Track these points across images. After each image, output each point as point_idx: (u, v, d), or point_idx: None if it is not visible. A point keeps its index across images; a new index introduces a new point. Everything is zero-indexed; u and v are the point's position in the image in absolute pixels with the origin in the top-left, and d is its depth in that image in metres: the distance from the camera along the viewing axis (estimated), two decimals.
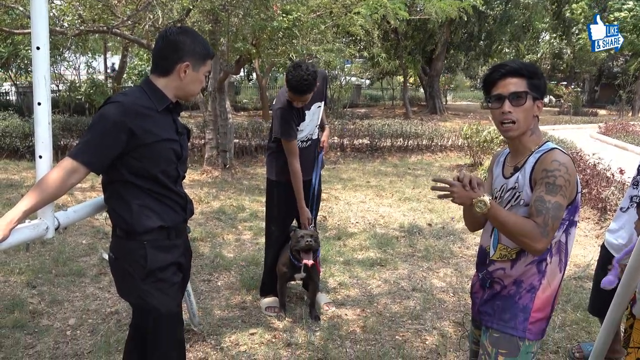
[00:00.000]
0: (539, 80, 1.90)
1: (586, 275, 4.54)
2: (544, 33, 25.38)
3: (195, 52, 2.09)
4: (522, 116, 1.88)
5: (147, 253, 2.10)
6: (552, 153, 1.84)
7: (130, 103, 2.00)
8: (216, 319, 3.63)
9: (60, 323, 3.53)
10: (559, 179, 1.78)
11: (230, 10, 7.26)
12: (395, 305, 3.96)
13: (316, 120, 3.72)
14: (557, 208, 1.76)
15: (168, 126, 2.13)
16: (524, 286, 1.94)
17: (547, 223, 1.74)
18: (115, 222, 2.13)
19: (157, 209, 2.12)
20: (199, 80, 2.15)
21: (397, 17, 10.04)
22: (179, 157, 2.18)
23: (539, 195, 1.79)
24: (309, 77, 3.26)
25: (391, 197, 7.39)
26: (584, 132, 15.13)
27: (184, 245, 2.32)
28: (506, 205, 1.95)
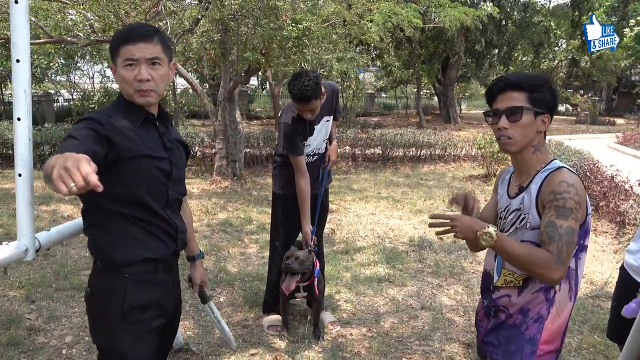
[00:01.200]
0: (541, 93, 1.78)
1: (604, 294, 4.35)
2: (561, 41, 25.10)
3: (111, 47, 1.80)
4: (519, 132, 1.78)
5: (126, 287, 1.81)
6: (559, 173, 1.74)
7: (102, 116, 1.74)
8: (216, 338, 3.51)
9: (56, 341, 3.44)
10: (569, 201, 1.67)
11: (240, 19, 7.20)
12: (403, 324, 3.81)
13: (324, 135, 3.59)
14: (571, 233, 1.65)
15: (151, 142, 1.84)
16: (530, 315, 1.81)
17: (562, 250, 1.64)
18: (95, 255, 1.86)
19: (142, 238, 1.83)
20: (121, 76, 1.78)
21: (411, 24, 9.92)
22: (169, 177, 1.89)
23: (549, 220, 1.67)
24: (311, 82, 3.15)
25: (402, 209, 7.23)
26: (601, 141, 14.84)
27: (172, 283, 2.01)
28: (510, 228, 1.85)
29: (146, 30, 1.79)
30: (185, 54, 9.06)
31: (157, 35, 1.80)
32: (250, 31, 7.31)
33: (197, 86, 8.87)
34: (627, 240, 5.51)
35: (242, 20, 7.24)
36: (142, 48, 1.76)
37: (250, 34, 7.30)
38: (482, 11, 12.45)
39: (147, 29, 1.80)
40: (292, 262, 3.27)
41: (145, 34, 1.78)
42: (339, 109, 3.71)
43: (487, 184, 8.99)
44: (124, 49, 1.76)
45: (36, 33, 8.75)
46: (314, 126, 3.47)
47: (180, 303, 2.12)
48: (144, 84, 1.77)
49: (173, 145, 1.97)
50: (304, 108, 3.26)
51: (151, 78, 1.78)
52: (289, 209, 3.59)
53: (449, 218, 1.72)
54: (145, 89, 1.78)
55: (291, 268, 3.27)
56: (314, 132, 3.48)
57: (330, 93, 3.53)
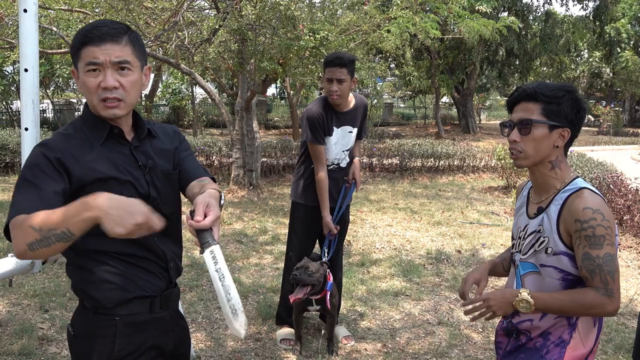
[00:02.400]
0: (559, 105, 1.66)
1: (628, 312, 4.21)
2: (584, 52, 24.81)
3: (72, 48, 1.49)
4: (530, 146, 1.69)
5: (117, 332, 1.56)
6: (581, 197, 1.63)
7: (55, 142, 1.49)
8: (228, 352, 3.46)
9: (68, 351, 3.40)
10: (598, 228, 1.58)
11: (257, 29, 7.21)
12: (419, 340, 3.71)
13: (344, 146, 3.50)
14: (610, 260, 1.58)
15: (120, 161, 1.54)
16: (551, 339, 1.72)
17: (607, 281, 1.58)
18: (79, 296, 1.62)
19: (131, 276, 1.57)
20: (83, 83, 1.49)
21: (428, 35, 9.85)
22: (147, 198, 1.54)
23: (584, 252, 1.60)
24: (346, 54, 3.24)
25: (420, 221, 7.13)
26: (625, 153, 14.55)
27: (171, 317, 1.70)
28: (529, 250, 1.75)
29: (112, 28, 1.48)
30: (203, 64, 9.10)
31: (126, 35, 1.50)
32: (267, 41, 7.32)
33: (215, 96, 8.90)
34: None
35: (260, 30, 7.25)
36: (108, 50, 1.46)
37: (268, 44, 7.31)
38: (502, 23, 12.30)
39: (113, 27, 1.49)
40: (301, 273, 3.20)
41: (112, 33, 1.47)
42: (364, 127, 3.65)
43: (506, 196, 8.84)
44: (86, 50, 1.46)
45: (58, 43, 8.88)
46: (334, 127, 3.41)
47: (185, 335, 1.81)
48: (109, 92, 1.47)
49: (151, 160, 1.62)
50: (333, 73, 3.20)
51: (119, 85, 1.48)
52: (305, 218, 3.56)
53: (480, 300, 1.67)
54: (111, 98, 1.48)
55: (298, 279, 3.20)
56: (332, 133, 3.41)
57: (359, 103, 3.50)
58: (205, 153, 10.50)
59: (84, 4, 7.72)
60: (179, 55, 8.01)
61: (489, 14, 15.15)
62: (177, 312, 1.79)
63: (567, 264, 1.66)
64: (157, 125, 1.71)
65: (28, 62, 1.76)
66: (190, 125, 17.90)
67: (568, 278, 1.67)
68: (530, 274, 1.76)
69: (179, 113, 19.02)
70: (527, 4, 19.21)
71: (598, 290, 1.57)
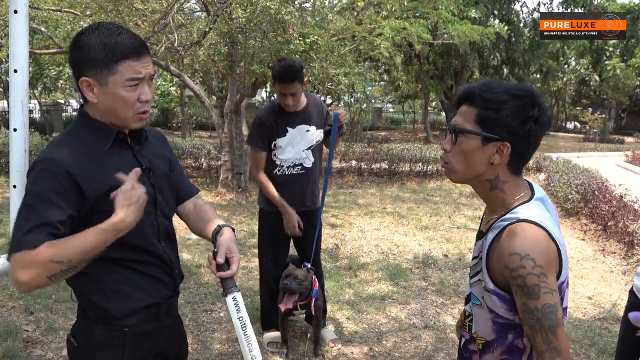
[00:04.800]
0: (498, 113, 1.35)
1: (612, 317, 4.26)
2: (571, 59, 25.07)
3: (94, 59, 1.43)
4: (458, 159, 1.43)
5: (125, 342, 1.53)
6: (512, 237, 1.35)
7: (63, 156, 1.44)
8: (215, 355, 3.46)
9: (53, 354, 3.40)
10: (529, 277, 1.32)
11: (247, 33, 7.22)
12: (406, 344, 3.74)
13: (304, 145, 3.43)
14: (550, 312, 1.33)
15: (126, 166, 1.50)
16: None
17: (549, 340, 1.33)
18: (85, 307, 1.57)
19: (140, 283, 1.56)
20: (119, 97, 1.46)
21: (421, 39, 9.91)
22: (155, 203, 1.58)
23: (523, 303, 1.35)
24: (295, 64, 3.16)
25: (407, 225, 7.16)
26: (610, 160, 14.71)
27: (173, 325, 1.72)
28: (474, 276, 1.51)
29: (139, 41, 1.48)
30: (193, 67, 9.09)
31: (146, 45, 1.53)
32: (257, 45, 7.33)
33: (204, 98, 8.89)
34: (637, 262, 5.42)
35: (250, 34, 7.26)
36: (146, 64, 1.47)
37: (258, 48, 7.32)
38: (490, 29, 12.42)
39: (139, 39, 1.48)
40: (291, 282, 3.22)
41: (145, 46, 1.48)
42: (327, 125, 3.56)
43: None
44: (126, 65, 1.43)
45: (47, 44, 8.84)
46: (287, 127, 3.37)
47: (183, 340, 1.84)
48: (148, 105, 1.50)
49: (153, 163, 1.63)
50: (286, 89, 3.19)
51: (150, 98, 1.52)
52: (272, 224, 3.52)
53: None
54: (146, 111, 1.52)
55: (289, 288, 3.22)
56: (287, 134, 3.37)
57: (312, 104, 3.46)
58: (194, 156, 10.47)
59: (74, 5, 7.69)
60: (168, 58, 7.99)
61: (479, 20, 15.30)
62: (178, 317, 1.80)
63: (497, 304, 1.42)
64: (147, 128, 1.70)
65: (18, 64, 1.76)
66: (179, 127, 17.84)
67: (497, 321, 1.45)
68: (475, 306, 1.53)
69: (167, 115, 18.95)
70: (516, 12, 19.43)
71: (544, 357, 1.34)
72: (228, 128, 8.77)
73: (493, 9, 18.14)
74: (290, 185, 3.44)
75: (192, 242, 5.80)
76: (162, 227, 1.64)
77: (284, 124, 3.38)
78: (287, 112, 3.37)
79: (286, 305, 3.23)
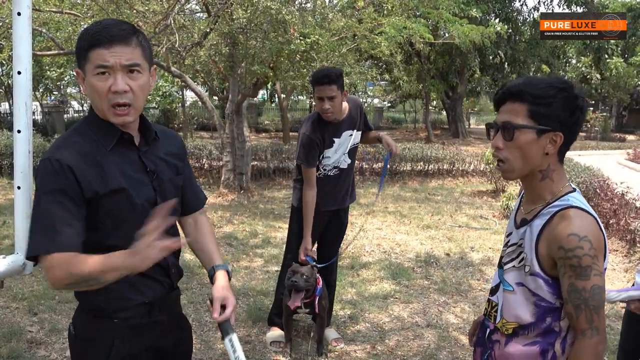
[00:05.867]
0: (548, 106, 1.42)
1: (614, 314, 4.26)
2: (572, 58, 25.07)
3: (79, 49, 1.46)
4: (514, 154, 1.47)
5: (115, 335, 1.58)
6: (567, 220, 1.42)
7: (65, 157, 1.45)
8: (218, 354, 3.47)
9: (57, 354, 3.41)
10: (584, 258, 1.39)
11: (248, 33, 7.23)
12: (408, 343, 3.74)
13: (345, 148, 3.48)
14: (597, 293, 1.41)
15: (129, 167, 1.54)
16: None
17: (592, 319, 1.41)
18: (79, 299, 1.63)
19: (134, 281, 1.55)
20: (91, 86, 1.45)
21: (423, 39, 9.90)
22: (155, 205, 1.55)
23: (570, 283, 1.42)
24: (334, 70, 3.24)
25: (409, 224, 7.17)
26: (612, 158, 14.71)
27: (169, 320, 1.71)
28: (509, 263, 1.57)
29: (121, 29, 1.45)
30: (194, 67, 9.10)
31: (134, 35, 1.47)
32: (258, 45, 7.33)
33: (205, 99, 8.90)
34: (638, 259, 5.42)
35: (251, 34, 7.27)
36: (119, 52, 1.43)
37: (259, 48, 7.33)
38: (490, 28, 12.42)
39: (123, 28, 1.46)
40: (298, 279, 3.23)
41: (122, 35, 1.44)
42: (367, 121, 3.66)
43: (495, 200, 8.91)
44: (95, 52, 1.42)
45: (48, 45, 8.85)
46: (334, 139, 3.40)
47: (185, 335, 1.84)
48: (119, 97, 1.45)
49: (158, 165, 1.63)
50: (324, 91, 3.19)
51: (129, 89, 1.46)
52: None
53: None
54: (121, 103, 1.46)
55: (297, 285, 3.22)
56: (333, 144, 3.41)
57: (353, 107, 3.49)
58: (196, 156, 10.49)
59: (75, 6, 7.71)
60: (169, 59, 8.00)
61: (479, 19, 15.30)
62: (179, 314, 1.82)
63: (543, 287, 1.48)
64: (157, 127, 1.71)
65: (21, 65, 1.76)
66: (180, 128, 17.86)
67: (541, 305, 1.50)
68: (506, 292, 1.59)
69: (169, 116, 18.99)
70: (516, 10, 19.42)
71: (584, 334, 1.41)
72: (229, 128, 8.78)
73: (493, 7, 18.13)
74: (324, 185, 3.47)
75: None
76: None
77: (330, 136, 3.39)
78: (331, 123, 3.36)
79: (294, 303, 3.24)
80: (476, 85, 23.09)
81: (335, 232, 3.71)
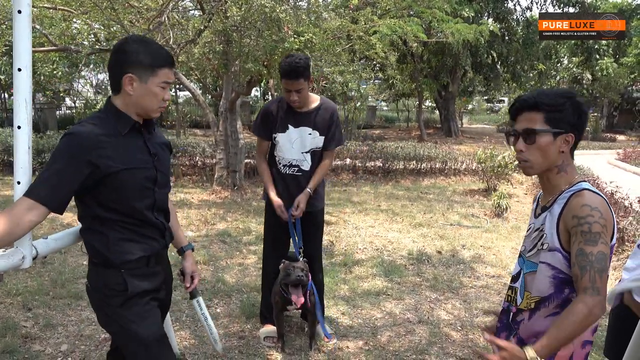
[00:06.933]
0: (561, 112, 1.73)
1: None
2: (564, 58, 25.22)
3: (140, 62, 1.90)
4: (536, 154, 1.75)
5: (125, 281, 1.98)
6: (581, 196, 1.68)
7: (86, 133, 1.84)
8: (212, 349, 3.50)
9: (52, 349, 3.43)
10: (595, 225, 1.62)
11: (242, 31, 7.25)
12: (400, 338, 3.79)
13: (302, 147, 3.45)
14: (602, 259, 1.60)
15: (137, 150, 1.98)
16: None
17: (594, 279, 1.58)
18: (91, 254, 2.01)
19: (135, 240, 2.00)
20: (151, 93, 1.94)
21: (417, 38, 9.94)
22: (155, 181, 2.03)
23: (578, 247, 1.63)
24: (301, 61, 3.23)
25: (401, 222, 7.23)
26: (602, 158, 14.85)
27: (163, 271, 2.19)
28: (532, 249, 1.82)
29: (172, 56, 2.02)
30: (188, 64, 9.10)
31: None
32: (252, 42, 7.35)
33: (199, 96, 8.91)
34: (626, 258, 5.49)
35: (245, 32, 7.28)
36: (173, 74, 2.02)
37: (253, 46, 7.34)
38: (483, 27, 12.50)
39: (172, 55, 2.02)
40: (302, 274, 3.26)
41: (174, 61, 2.05)
42: (334, 137, 3.50)
43: (486, 199, 8.99)
44: (164, 71, 1.95)
45: (41, 41, 8.81)
46: (289, 124, 3.41)
47: (171, 285, 2.31)
48: (164, 103, 2.01)
49: (157, 150, 2.09)
50: (291, 85, 3.24)
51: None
52: (273, 217, 3.56)
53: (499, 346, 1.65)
54: (164, 107, 2.03)
55: (303, 280, 3.26)
56: (287, 130, 3.41)
57: (325, 107, 3.46)
58: (189, 153, 10.50)
59: (68, 1, 7.68)
60: None
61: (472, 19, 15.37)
62: (168, 267, 2.27)
63: (562, 261, 1.71)
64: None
65: (22, 62, 1.79)
66: (173, 125, 17.83)
67: (559, 277, 1.72)
68: (530, 273, 1.82)
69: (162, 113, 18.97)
70: (509, 9, 19.51)
71: (585, 292, 1.58)
72: (223, 126, 8.80)
73: (486, 7, 18.22)
74: (287, 184, 3.48)
75: (187, 238, 5.83)
76: (158, 201, 2.08)
77: (287, 120, 3.42)
78: (294, 110, 3.41)
79: (299, 298, 3.28)
80: (469, 85, 23.20)
81: (310, 234, 3.61)
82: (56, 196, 1.79)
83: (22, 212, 1.74)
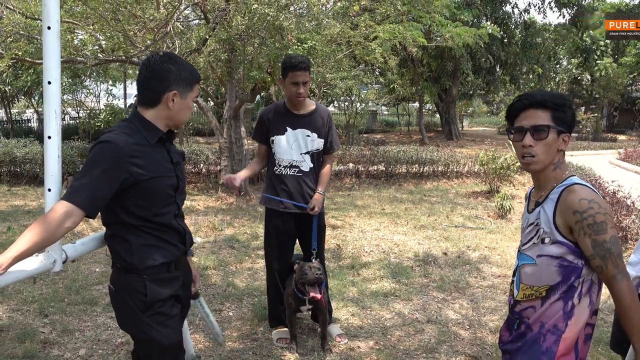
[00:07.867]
0: (564, 113, 1.83)
1: (607, 307, 4.41)
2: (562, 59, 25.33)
3: (182, 79, 2.06)
4: (542, 150, 1.83)
5: (146, 286, 2.06)
6: (574, 191, 1.78)
7: (123, 142, 1.94)
8: (226, 351, 3.58)
9: (70, 353, 3.51)
10: (598, 216, 1.73)
11: (246, 39, 7.36)
12: (410, 337, 3.87)
13: (301, 148, 3.57)
14: (616, 242, 1.74)
15: (162, 159, 2.10)
16: (546, 327, 1.86)
17: (618, 264, 1.73)
18: (115, 259, 2.11)
19: (158, 245, 2.09)
20: (187, 107, 2.12)
21: (416, 43, 10.05)
22: (177, 189, 2.15)
23: (592, 240, 1.74)
24: (303, 57, 3.40)
25: (406, 225, 7.31)
26: (603, 158, 14.94)
27: (183, 275, 2.29)
28: (528, 242, 1.92)
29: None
30: None
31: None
32: (256, 51, 7.47)
33: (202, 104, 9.01)
34: (629, 256, 5.57)
35: (249, 40, 7.40)
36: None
37: (256, 54, 7.46)
38: (483, 30, 12.62)
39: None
40: (321, 273, 3.39)
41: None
42: (332, 139, 3.67)
43: (489, 200, 9.06)
44: (197, 87, 2.15)
45: None
46: (287, 127, 3.54)
47: (190, 287, 2.43)
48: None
49: (177, 158, 2.22)
50: (299, 76, 3.36)
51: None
52: (277, 223, 3.70)
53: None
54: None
55: (320, 278, 3.39)
56: (285, 132, 3.54)
57: (320, 111, 3.62)
58: (193, 161, 10.60)
59: (73, 14, 7.80)
60: None
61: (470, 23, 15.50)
62: (187, 271, 2.36)
63: (566, 250, 1.80)
64: None
65: (51, 75, 1.89)
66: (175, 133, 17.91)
67: (564, 264, 1.82)
68: (525, 265, 1.93)
69: None
70: (508, 13, 19.64)
71: (616, 279, 1.72)
72: (227, 133, 8.90)
73: (484, 11, 18.34)
74: (286, 184, 3.60)
75: (196, 244, 5.93)
76: (179, 207, 2.21)
77: (284, 123, 3.54)
78: (291, 113, 3.54)
79: (318, 294, 3.38)
80: (469, 88, 23.32)
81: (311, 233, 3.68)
82: (94, 202, 1.88)
83: (62, 218, 1.81)
